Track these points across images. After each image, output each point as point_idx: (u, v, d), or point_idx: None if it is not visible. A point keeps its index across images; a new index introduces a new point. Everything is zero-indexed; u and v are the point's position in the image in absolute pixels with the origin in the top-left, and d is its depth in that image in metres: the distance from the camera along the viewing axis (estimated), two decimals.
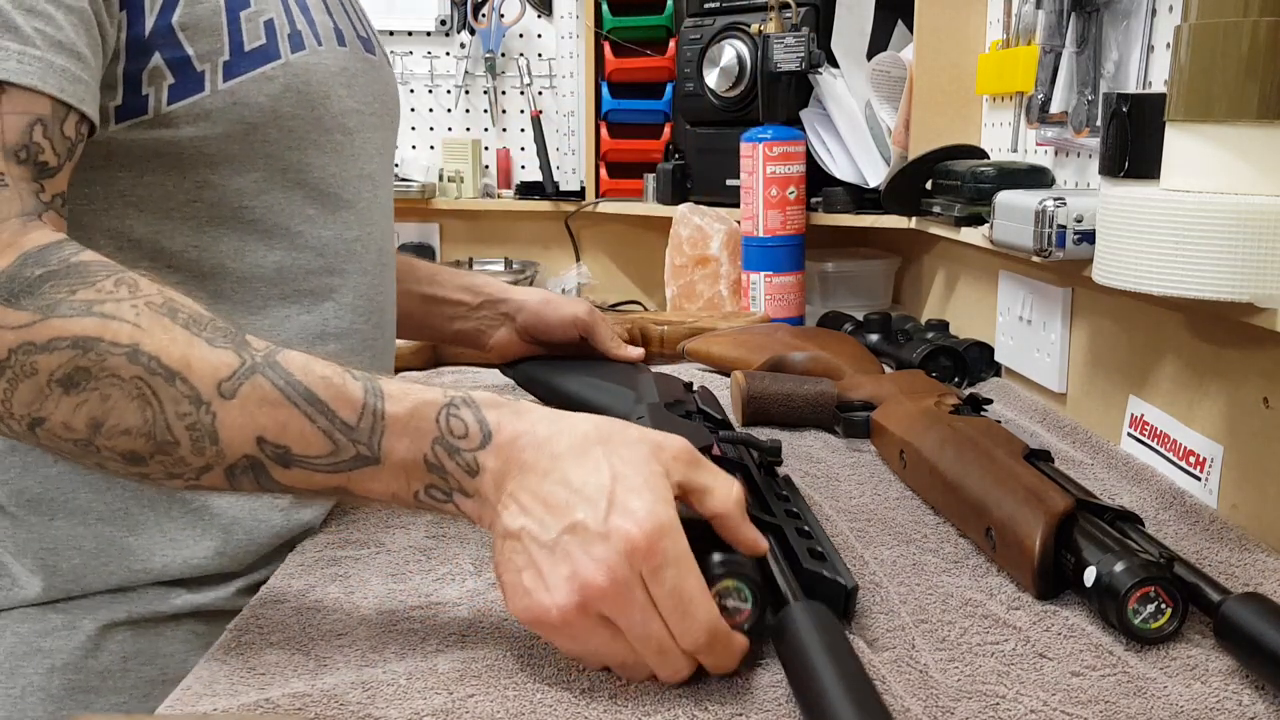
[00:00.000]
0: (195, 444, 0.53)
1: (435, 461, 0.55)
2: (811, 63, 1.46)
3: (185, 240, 0.69)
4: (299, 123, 0.72)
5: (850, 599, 0.60)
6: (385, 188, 0.85)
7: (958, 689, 0.55)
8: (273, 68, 0.69)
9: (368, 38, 0.84)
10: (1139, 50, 0.94)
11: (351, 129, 0.78)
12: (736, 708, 0.53)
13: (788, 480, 0.80)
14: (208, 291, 0.69)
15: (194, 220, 0.69)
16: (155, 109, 0.65)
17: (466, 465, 0.55)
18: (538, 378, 1.03)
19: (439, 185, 2.10)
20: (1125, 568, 0.59)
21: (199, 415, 0.53)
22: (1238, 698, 0.54)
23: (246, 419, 0.53)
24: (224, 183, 0.69)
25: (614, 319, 1.32)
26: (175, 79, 0.65)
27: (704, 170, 1.71)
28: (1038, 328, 1.10)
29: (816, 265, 1.59)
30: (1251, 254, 0.66)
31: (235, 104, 0.67)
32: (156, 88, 0.65)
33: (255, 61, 0.68)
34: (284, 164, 0.72)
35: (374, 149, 0.81)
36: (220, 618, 0.68)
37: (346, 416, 0.55)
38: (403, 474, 0.55)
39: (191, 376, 0.53)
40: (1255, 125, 0.67)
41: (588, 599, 0.51)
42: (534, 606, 0.52)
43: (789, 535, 0.65)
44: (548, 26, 2.09)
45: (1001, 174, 1.10)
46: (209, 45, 0.66)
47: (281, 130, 0.71)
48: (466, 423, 0.56)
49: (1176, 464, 0.85)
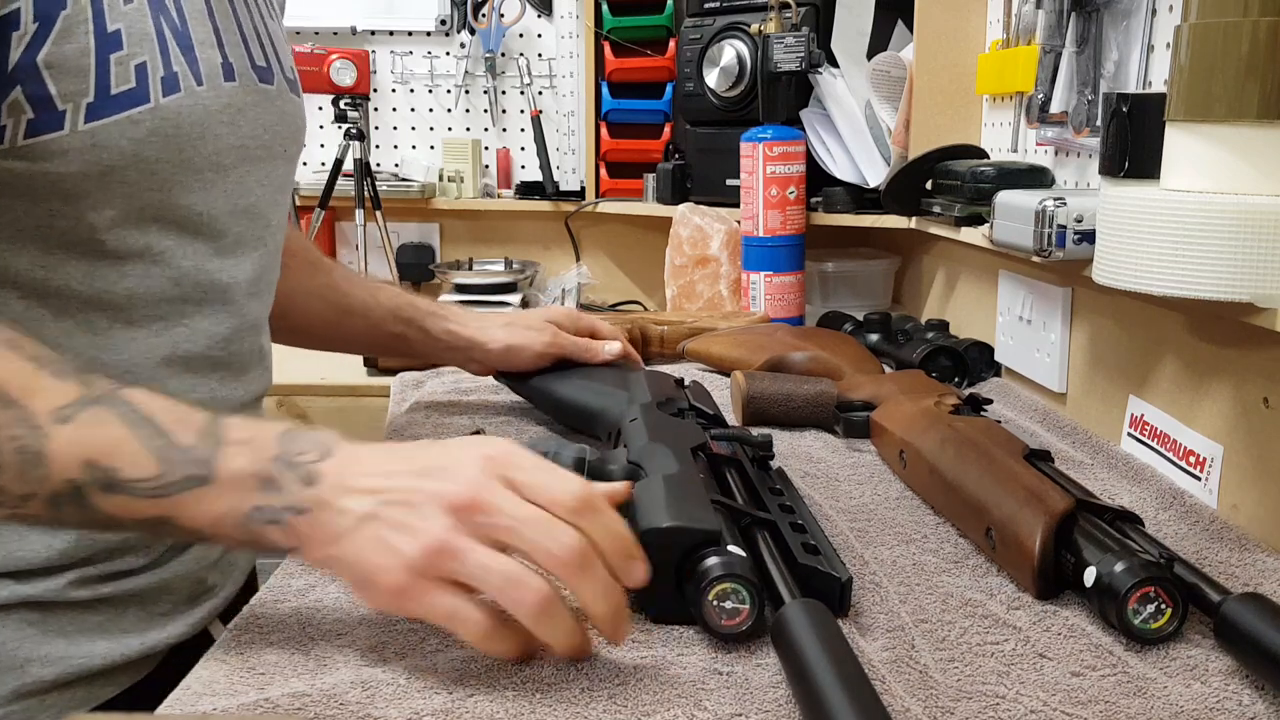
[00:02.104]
0: (21, 468, 0.53)
1: (271, 476, 0.55)
2: (811, 63, 1.46)
3: (32, 260, 0.67)
4: (163, 165, 0.70)
5: (845, 591, 0.61)
6: (271, 217, 0.82)
7: (958, 689, 0.55)
8: (139, 112, 0.67)
9: (266, 66, 0.81)
10: (1139, 50, 0.94)
11: (228, 165, 0.75)
12: (736, 708, 0.53)
13: (781, 473, 0.80)
14: (50, 309, 0.68)
15: (43, 243, 0.67)
16: (11, 141, 0.63)
17: (304, 476, 0.55)
18: (530, 381, 1.03)
19: (439, 185, 2.10)
20: (1125, 568, 0.59)
21: (29, 438, 0.53)
22: (1238, 698, 0.54)
23: (78, 442, 0.53)
24: (78, 215, 0.67)
25: (614, 319, 1.32)
26: (34, 114, 0.63)
27: (704, 170, 1.71)
28: (1038, 328, 1.10)
29: (816, 265, 1.59)
30: (1251, 254, 0.66)
31: (94, 145, 0.66)
32: (15, 120, 0.63)
33: (121, 105, 0.66)
34: (142, 203, 0.70)
35: (255, 181, 0.78)
36: (58, 608, 0.68)
37: (182, 437, 0.55)
38: (235, 492, 0.55)
39: (29, 403, 0.53)
40: (1255, 125, 0.67)
41: (466, 509, 0.54)
42: (415, 554, 0.53)
43: (783, 530, 0.65)
44: (548, 26, 2.09)
45: (1001, 174, 1.10)
46: (73, 85, 0.64)
47: (142, 172, 0.69)
48: (305, 443, 0.57)
49: (1176, 464, 0.85)
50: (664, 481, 0.66)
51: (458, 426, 1.02)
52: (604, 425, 0.89)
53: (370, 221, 1.96)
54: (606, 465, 0.73)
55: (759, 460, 0.79)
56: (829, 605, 0.55)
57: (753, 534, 0.65)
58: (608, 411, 0.89)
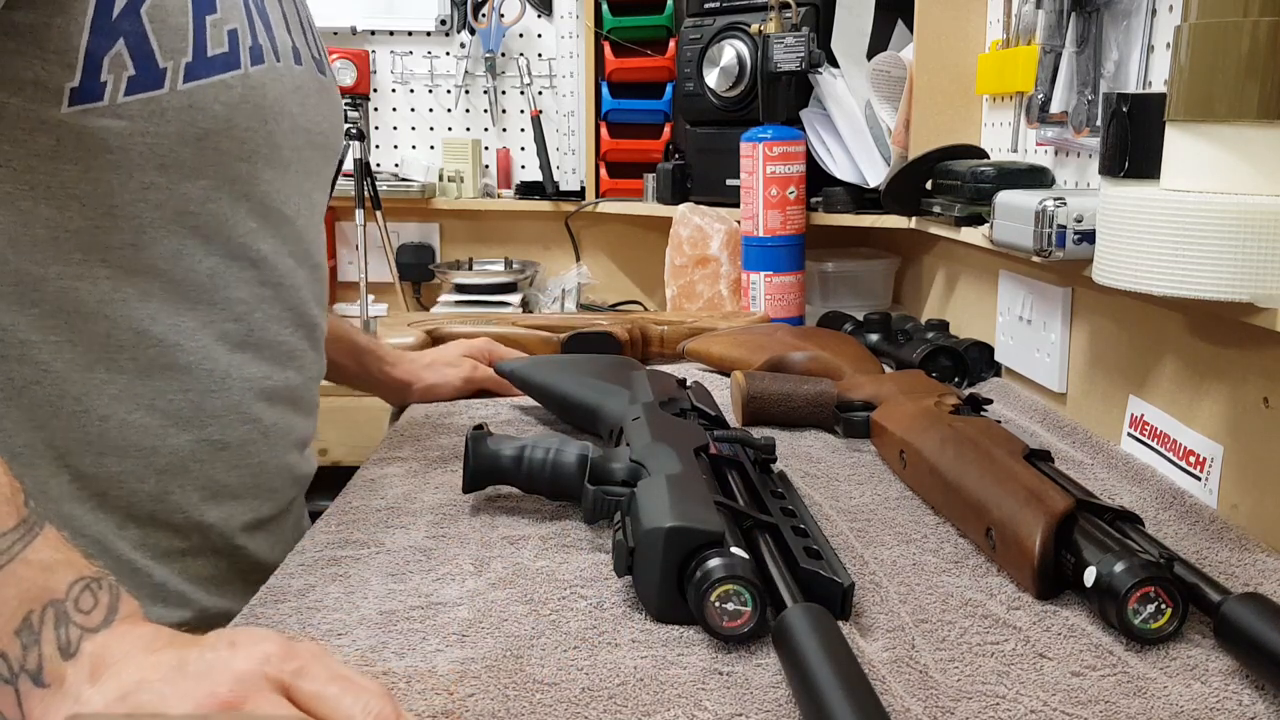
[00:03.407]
0: None
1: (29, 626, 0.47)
2: (811, 63, 1.46)
3: (124, 238, 0.68)
4: (251, 135, 0.71)
5: (847, 597, 0.61)
6: (320, 210, 0.84)
7: (958, 689, 0.55)
8: (232, 77, 0.68)
9: (320, 60, 0.83)
10: (1139, 50, 0.94)
11: (300, 147, 0.77)
12: (736, 708, 0.53)
13: (783, 477, 0.80)
14: (137, 289, 0.69)
15: (136, 220, 0.68)
16: (111, 98, 0.64)
17: (63, 643, 0.47)
18: (532, 378, 1.03)
19: (439, 185, 2.10)
20: (1125, 568, 0.59)
21: None
22: (1238, 698, 0.54)
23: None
24: (171, 186, 0.68)
25: (614, 319, 1.32)
26: (135, 71, 0.64)
27: (704, 170, 1.71)
28: (1038, 328, 1.10)
29: (816, 265, 1.59)
30: (1251, 254, 0.66)
31: (191, 107, 0.66)
32: (116, 76, 0.63)
33: (216, 68, 0.67)
34: (233, 174, 0.71)
35: (313, 169, 0.80)
36: None
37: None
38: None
39: None
40: (1255, 125, 0.67)
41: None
42: None
43: (785, 534, 0.65)
44: (548, 26, 2.09)
45: (1001, 174, 1.10)
46: (173, 43, 0.65)
47: (234, 140, 0.70)
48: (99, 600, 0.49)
49: (1176, 464, 0.85)
50: (667, 481, 0.66)
51: (459, 426, 1.02)
52: (606, 424, 0.89)
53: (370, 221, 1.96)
54: (609, 463, 0.74)
55: (761, 463, 0.79)
56: (830, 610, 0.55)
57: (754, 536, 0.65)
58: (608, 408, 0.89)
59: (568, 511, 0.78)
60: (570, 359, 1.08)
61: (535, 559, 0.71)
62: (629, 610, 0.63)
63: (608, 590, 0.66)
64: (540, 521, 0.77)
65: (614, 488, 0.71)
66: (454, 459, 0.91)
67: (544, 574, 0.68)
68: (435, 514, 0.78)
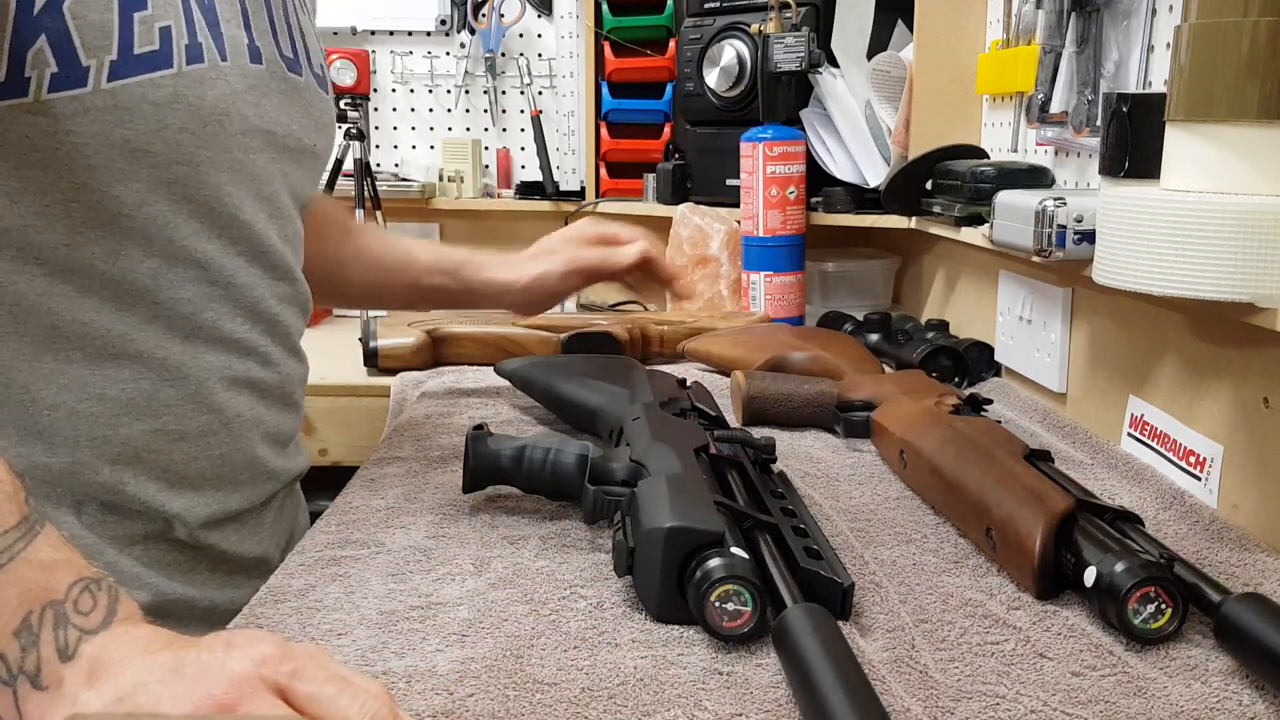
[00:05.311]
0: None
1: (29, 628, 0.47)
2: (811, 63, 1.46)
3: (57, 238, 0.66)
4: (189, 138, 0.69)
5: (847, 597, 0.61)
6: (289, 211, 0.81)
7: (958, 689, 0.55)
8: (162, 76, 0.66)
9: (294, 59, 0.80)
10: (1139, 50, 0.94)
11: (255, 149, 0.74)
12: (736, 708, 0.53)
13: (783, 477, 0.80)
14: (74, 287, 0.67)
15: (69, 220, 0.66)
16: (35, 94, 0.62)
17: (62, 645, 0.47)
18: (533, 378, 1.03)
19: (439, 185, 2.10)
20: (1125, 568, 0.59)
21: None
22: (1238, 698, 0.54)
23: None
24: (103, 189, 0.66)
25: (614, 319, 1.33)
26: (58, 68, 0.62)
27: (704, 170, 1.71)
28: (1038, 328, 1.10)
29: (816, 265, 1.59)
30: (1251, 254, 0.66)
31: (116, 106, 0.64)
32: (39, 72, 0.62)
33: (144, 66, 0.65)
34: (170, 177, 0.69)
35: (279, 171, 0.78)
36: None
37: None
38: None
39: None
40: (1255, 125, 0.67)
41: None
42: None
43: (785, 534, 0.65)
44: (548, 26, 2.09)
45: (1001, 174, 1.10)
46: (97, 40, 0.63)
47: (167, 144, 0.68)
48: (98, 601, 0.49)
49: (1176, 464, 0.85)
50: (667, 482, 0.66)
51: (458, 425, 1.02)
52: (606, 424, 0.89)
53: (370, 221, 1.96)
54: (609, 463, 0.73)
55: (761, 463, 0.79)
56: (830, 610, 0.55)
57: (755, 536, 0.65)
58: (608, 408, 0.89)
59: (568, 511, 0.78)
60: (570, 359, 1.08)
61: (535, 559, 0.71)
62: (629, 610, 0.63)
63: (608, 590, 0.66)
64: (540, 521, 0.77)
65: (614, 488, 0.71)
66: (454, 459, 0.91)
67: (544, 574, 0.68)
68: (435, 514, 0.78)
